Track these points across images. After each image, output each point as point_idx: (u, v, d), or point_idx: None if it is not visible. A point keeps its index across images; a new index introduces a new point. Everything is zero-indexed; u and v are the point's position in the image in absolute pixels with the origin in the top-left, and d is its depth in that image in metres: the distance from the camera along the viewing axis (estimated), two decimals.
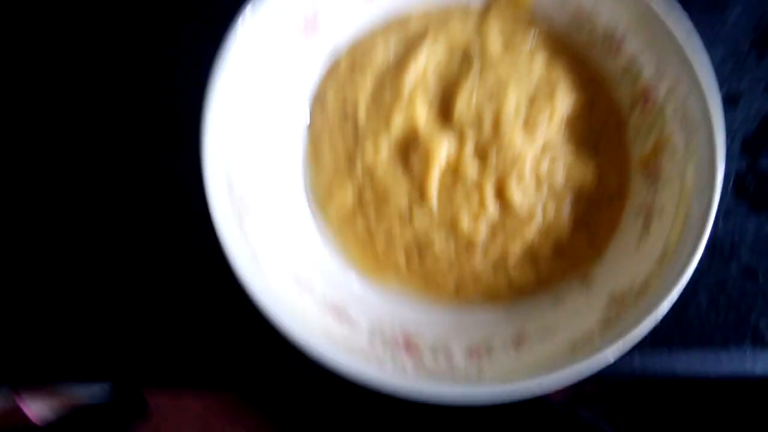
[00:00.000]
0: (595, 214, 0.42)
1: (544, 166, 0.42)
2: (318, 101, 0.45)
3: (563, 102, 0.42)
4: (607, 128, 0.43)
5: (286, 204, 0.44)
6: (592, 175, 0.42)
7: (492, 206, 0.42)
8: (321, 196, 0.44)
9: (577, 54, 0.44)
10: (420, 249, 0.43)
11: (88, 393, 1.16)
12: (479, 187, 0.42)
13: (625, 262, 0.41)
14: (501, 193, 0.42)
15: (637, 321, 0.38)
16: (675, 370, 0.47)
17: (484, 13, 0.44)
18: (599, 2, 0.42)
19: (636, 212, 0.42)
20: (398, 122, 0.43)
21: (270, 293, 0.38)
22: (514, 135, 0.41)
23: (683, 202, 0.39)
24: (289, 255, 0.42)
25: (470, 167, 0.42)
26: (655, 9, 0.39)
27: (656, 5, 0.39)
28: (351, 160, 0.43)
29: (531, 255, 0.42)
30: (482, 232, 0.42)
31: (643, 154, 0.42)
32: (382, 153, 0.43)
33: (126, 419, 1.13)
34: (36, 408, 1.15)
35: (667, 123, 0.41)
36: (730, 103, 0.46)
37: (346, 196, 0.43)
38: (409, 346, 0.41)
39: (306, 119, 0.45)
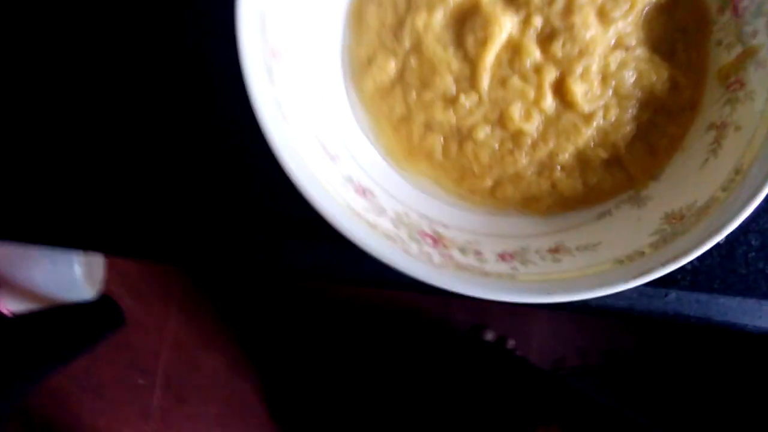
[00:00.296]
0: (661, 125, 0.38)
1: (614, 63, 0.37)
2: None
3: None
4: (688, 30, 0.38)
5: (320, 67, 0.39)
6: (665, 80, 0.38)
7: (549, 100, 0.37)
8: (359, 64, 0.39)
9: None
10: (460, 137, 0.38)
11: (67, 297, 1.12)
12: (538, 76, 0.37)
13: (687, 181, 0.37)
14: (561, 87, 0.37)
15: (695, 243, 0.34)
16: (710, 317, 0.43)
17: None
18: None
19: (707, 127, 0.37)
20: None
21: (294, 155, 0.34)
22: (587, 23, 0.37)
23: (764, 122, 0.35)
24: (317, 124, 0.37)
25: (531, 53, 0.37)
26: None
27: None
28: (399, 25, 0.39)
29: (582, 161, 0.38)
30: (533, 126, 0.38)
31: (725, 64, 0.38)
32: (435, 22, 0.38)
33: (101, 326, 1.10)
34: (10, 303, 1.11)
35: (760, 31, 0.36)
36: None
37: (388, 66, 0.39)
38: (437, 240, 0.36)
39: None
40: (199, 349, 1.36)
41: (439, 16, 0.38)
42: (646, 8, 0.38)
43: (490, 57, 0.37)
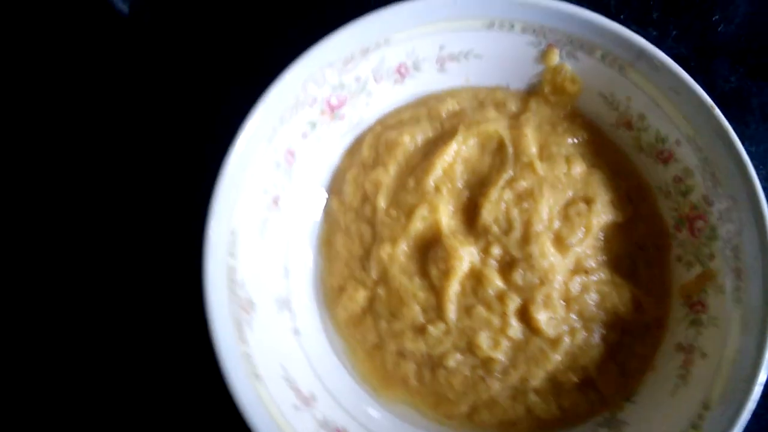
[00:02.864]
0: (629, 345, 0.38)
1: (575, 287, 0.38)
2: (336, 188, 0.43)
3: (601, 216, 0.39)
4: (648, 247, 0.39)
5: (294, 300, 0.40)
6: (627, 300, 0.38)
7: (514, 327, 0.38)
8: (331, 292, 0.41)
9: (621, 159, 0.41)
10: (432, 364, 0.39)
11: None
12: (502, 304, 0.38)
13: (660, 407, 0.36)
14: (525, 314, 0.38)
15: None
16: None
17: (525, 100, 0.42)
18: (657, 101, 0.38)
19: (675, 347, 0.37)
20: (419, 222, 0.40)
21: (264, 417, 0.35)
22: (544, 252, 0.38)
23: (730, 351, 0.35)
24: (292, 365, 0.39)
25: (493, 282, 0.38)
26: (722, 120, 0.36)
27: (723, 116, 0.36)
28: (366, 256, 0.40)
29: (555, 385, 0.38)
30: (502, 353, 0.38)
31: (686, 282, 0.38)
32: (399, 253, 0.39)
33: None
34: None
35: (716, 254, 0.36)
36: None
37: (357, 296, 0.40)
38: None
39: (322, 205, 0.43)
40: None
41: (403, 248, 0.40)
42: (604, 227, 0.39)
43: (453, 287, 0.38)
